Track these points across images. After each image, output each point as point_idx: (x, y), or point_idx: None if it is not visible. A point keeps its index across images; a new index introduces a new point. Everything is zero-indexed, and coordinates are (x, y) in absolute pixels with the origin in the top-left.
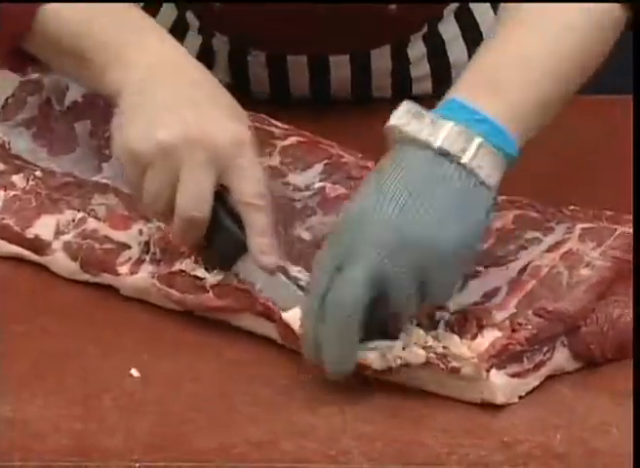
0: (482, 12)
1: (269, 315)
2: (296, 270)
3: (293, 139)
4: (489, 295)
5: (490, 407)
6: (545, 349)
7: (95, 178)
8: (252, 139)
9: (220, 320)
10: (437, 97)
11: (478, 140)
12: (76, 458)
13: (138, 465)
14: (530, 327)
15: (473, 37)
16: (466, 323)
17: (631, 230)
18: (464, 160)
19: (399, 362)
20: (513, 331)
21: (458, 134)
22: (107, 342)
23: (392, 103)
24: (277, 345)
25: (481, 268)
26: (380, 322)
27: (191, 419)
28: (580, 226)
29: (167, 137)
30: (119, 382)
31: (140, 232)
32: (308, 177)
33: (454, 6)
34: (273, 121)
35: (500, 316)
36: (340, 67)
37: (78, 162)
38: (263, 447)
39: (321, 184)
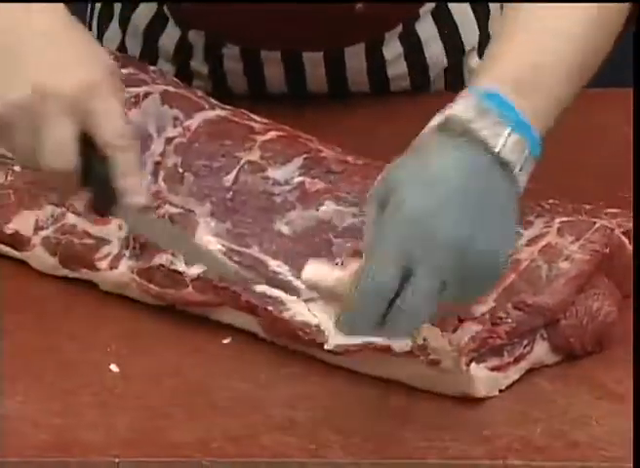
0: (461, 11)
1: (251, 309)
2: (275, 264)
3: (272, 134)
4: None
5: (470, 400)
6: (525, 342)
7: None
8: (107, 80)
9: (200, 314)
10: (416, 94)
11: (527, 151)
12: (56, 454)
13: (117, 460)
14: (510, 320)
15: (451, 37)
16: (447, 316)
17: (609, 224)
18: (515, 171)
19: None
20: (493, 324)
21: (515, 143)
22: (87, 337)
23: (371, 98)
24: (257, 339)
25: None
26: None
27: (171, 414)
28: (558, 220)
29: (15, 98)
30: (98, 377)
31: (120, 227)
32: (288, 172)
33: (431, 6)
34: (252, 115)
35: (479, 310)
36: (315, 64)
37: None
38: (243, 441)
39: (300, 179)
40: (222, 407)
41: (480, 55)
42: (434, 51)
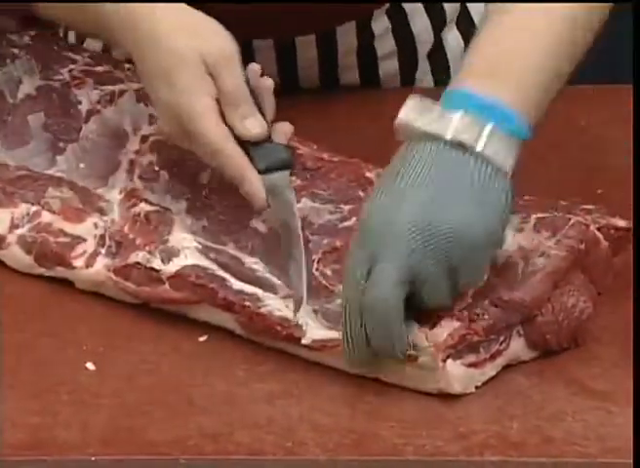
0: None
1: (228, 306)
2: (252, 262)
3: None
4: None
5: (446, 397)
6: (502, 339)
7: (49, 172)
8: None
9: (177, 312)
10: (403, 76)
11: (489, 127)
12: (32, 452)
13: (94, 458)
14: (487, 317)
15: (435, 10)
16: (425, 312)
17: (585, 220)
18: (479, 148)
19: None
20: (471, 321)
21: (469, 123)
22: (63, 336)
23: (352, 94)
24: (234, 337)
25: None
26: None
27: (147, 412)
28: (534, 216)
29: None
30: (75, 376)
31: (96, 225)
32: None
33: None
34: None
35: (457, 306)
36: (307, 48)
37: (32, 155)
38: (219, 438)
39: None
40: (199, 404)
41: (458, 26)
42: (419, 24)
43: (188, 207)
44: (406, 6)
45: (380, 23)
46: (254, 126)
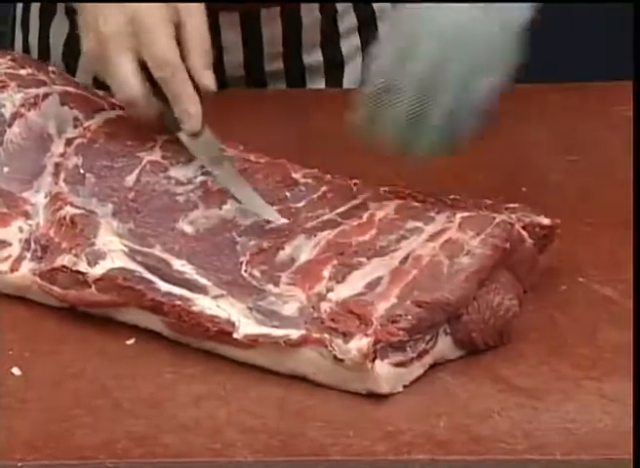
0: None
1: (157, 307)
2: (179, 264)
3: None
4: (371, 286)
5: (374, 396)
6: (428, 338)
7: None
8: (152, 11)
9: (104, 315)
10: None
11: None
12: None
13: (20, 464)
14: (410, 317)
15: None
16: (349, 313)
17: (510, 219)
18: None
19: None
20: (394, 321)
21: None
22: None
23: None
24: (162, 339)
25: (363, 259)
26: None
27: (74, 416)
28: (460, 215)
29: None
30: (0, 381)
31: (21, 229)
32: (190, 171)
33: None
34: None
35: (381, 306)
36: (272, 20)
37: None
38: (147, 442)
39: (203, 178)
40: (126, 408)
41: None
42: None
43: (114, 210)
44: None
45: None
46: (211, 80)
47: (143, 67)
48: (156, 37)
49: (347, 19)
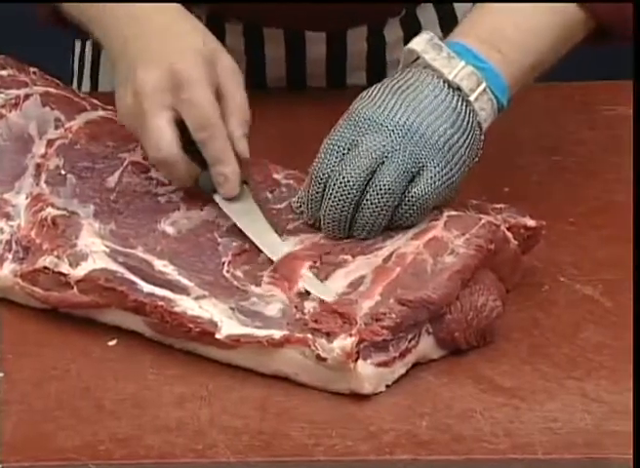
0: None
1: (139, 307)
2: (160, 264)
3: None
4: (355, 284)
5: (356, 396)
6: (410, 337)
7: None
8: (194, 69)
9: (86, 317)
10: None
11: (484, 85)
12: None
13: (2, 466)
14: (393, 316)
15: (449, 24)
16: (333, 312)
17: (495, 220)
18: (471, 98)
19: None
20: (377, 320)
21: (469, 74)
22: None
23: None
24: (144, 340)
25: (348, 257)
26: None
27: (56, 417)
28: (445, 214)
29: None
30: None
31: (2, 230)
32: None
33: None
34: None
35: (365, 305)
36: (316, 44)
37: None
38: (129, 443)
39: None
40: (109, 409)
41: None
42: None
43: (96, 211)
44: (420, 16)
45: (393, 33)
46: (246, 147)
47: (179, 125)
48: (197, 95)
49: (396, 52)
